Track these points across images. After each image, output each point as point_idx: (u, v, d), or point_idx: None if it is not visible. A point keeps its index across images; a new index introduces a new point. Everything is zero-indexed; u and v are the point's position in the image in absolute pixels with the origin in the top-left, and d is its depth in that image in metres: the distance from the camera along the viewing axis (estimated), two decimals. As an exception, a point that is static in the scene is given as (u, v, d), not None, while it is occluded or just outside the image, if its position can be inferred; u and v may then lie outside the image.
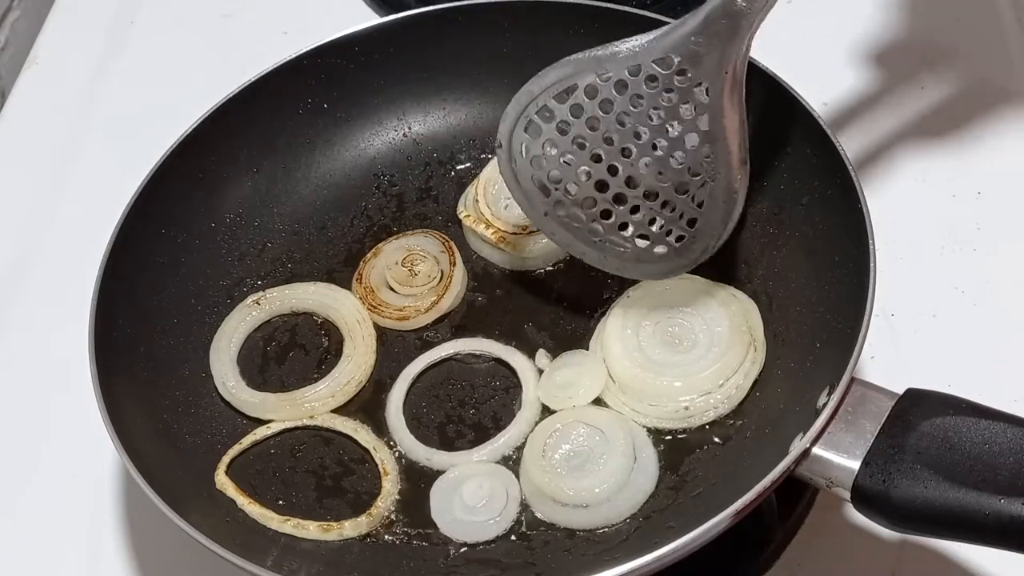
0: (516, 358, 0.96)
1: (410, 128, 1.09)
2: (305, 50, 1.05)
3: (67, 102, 1.30)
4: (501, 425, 0.92)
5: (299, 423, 0.94)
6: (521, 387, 0.94)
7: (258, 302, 0.99)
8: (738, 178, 0.85)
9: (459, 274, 1.00)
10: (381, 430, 0.94)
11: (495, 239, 1.00)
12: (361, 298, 1.00)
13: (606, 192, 0.89)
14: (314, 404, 0.94)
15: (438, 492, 0.89)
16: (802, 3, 1.26)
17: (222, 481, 0.90)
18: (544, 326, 0.98)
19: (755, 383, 0.90)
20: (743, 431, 0.89)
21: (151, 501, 0.81)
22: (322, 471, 0.92)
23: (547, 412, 0.93)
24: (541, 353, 0.95)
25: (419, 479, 0.91)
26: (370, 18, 1.29)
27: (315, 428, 0.94)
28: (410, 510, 0.89)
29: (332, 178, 1.08)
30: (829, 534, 0.94)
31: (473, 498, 0.88)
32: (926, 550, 0.91)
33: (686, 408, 0.90)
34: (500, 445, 0.91)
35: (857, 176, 0.89)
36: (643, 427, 0.90)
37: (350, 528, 0.88)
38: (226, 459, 0.91)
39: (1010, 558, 0.75)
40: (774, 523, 0.92)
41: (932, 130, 1.16)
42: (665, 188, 0.87)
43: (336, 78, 1.06)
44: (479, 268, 1.02)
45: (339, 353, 0.97)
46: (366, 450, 0.92)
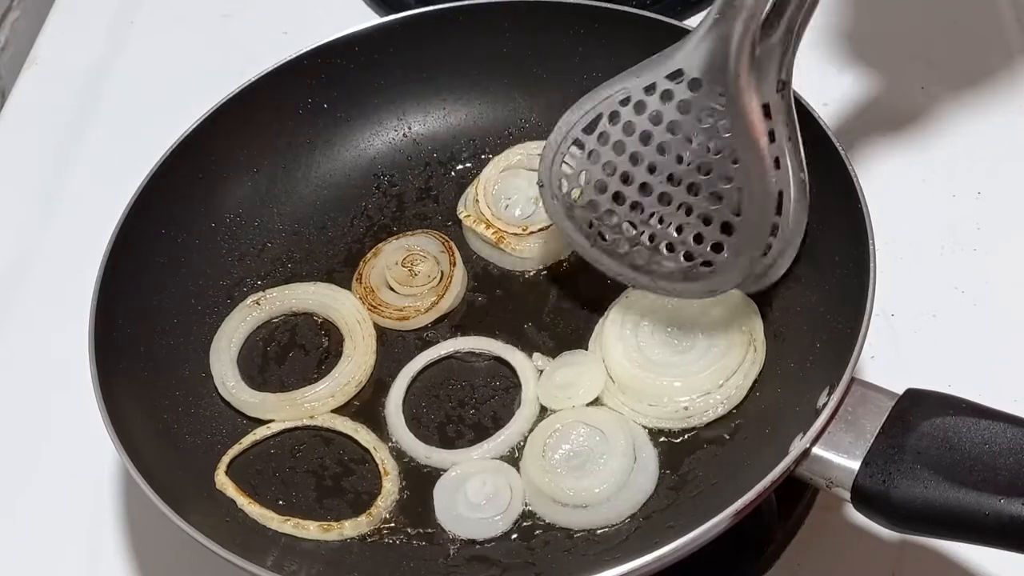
0: (515, 356, 0.96)
1: (410, 128, 1.09)
2: (305, 50, 1.05)
3: (67, 102, 1.30)
4: (500, 423, 0.92)
5: (299, 423, 0.94)
6: (520, 385, 0.94)
7: (258, 302, 0.99)
8: (772, 180, 0.84)
9: (459, 274, 1.00)
10: (380, 428, 0.94)
11: (495, 239, 1.00)
12: (361, 298, 1.00)
13: (642, 213, 0.88)
14: (314, 404, 0.94)
15: (442, 490, 0.89)
16: (802, 3, 1.26)
17: (222, 481, 0.90)
18: (544, 326, 0.98)
19: (755, 383, 0.90)
20: (743, 431, 0.89)
21: (151, 501, 0.81)
22: (322, 471, 0.92)
23: (546, 411, 0.93)
24: (537, 356, 0.95)
25: (419, 479, 0.91)
26: (370, 18, 1.29)
27: (315, 428, 0.94)
28: (410, 510, 0.89)
29: (332, 178, 1.07)
30: (829, 534, 0.94)
31: (477, 495, 0.88)
32: (926, 550, 0.91)
33: (686, 408, 0.89)
34: (499, 443, 0.91)
35: (857, 176, 0.90)
36: (643, 427, 0.90)
37: (350, 528, 0.88)
38: (226, 459, 0.91)
39: (1010, 558, 0.75)
40: (774, 523, 0.92)
41: (932, 130, 1.16)
42: (698, 200, 0.86)
43: (336, 78, 1.06)
44: (479, 268, 1.02)
45: (339, 353, 0.97)
46: (366, 450, 0.92)
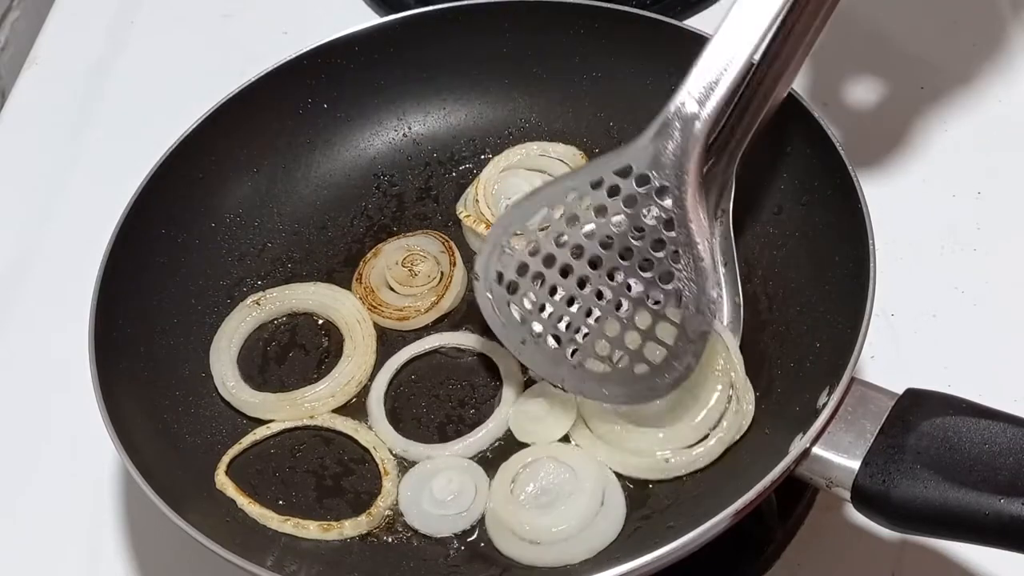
0: (498, 353, 0.95)
1: (410, 128, 1.09)
2: (305, 50, 1.05)
3: (67, 102, 1.30)
4: (480, 420, 0.92)
5: (299, 423, 0.94)
6: (502, 383, 0.94)
7: (258, 302, 0.99)
8: (712, 285, 0.82)
9: (459, 274, 1.00)
10: (362, 419, 0.94)
11: (495, 239, 1.00)
12: (361, 298, 1.00)
13: (578, 309, 0.87)
14: (314, 404, 0.94)
15: (409, 482, 0.89)
16: (802, 3, 1.26)
17: (222, 481, 0.90)
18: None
19: (753, 377, 0.90)
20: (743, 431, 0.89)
21: (151, 501, 0.81)
22: (322, 471, 0.92)
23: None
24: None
25: (419, 479, 0.91)
26: (370, 18, 1.29)
27: (315, 428, 0.94)
28: (413, 526, 0.89)
29: (332, 178, 1.07)
30: (829, 534, 0.94)
31: (442, 492, 0.88)
32: (926, 550, 0.91)
33: (667, 461, 0.86)
34: (478, 440, 0.91)
35: (857, 176, 0.90)
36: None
37: (350, 528, 0.88)
38: (226, 459, 0.91)
39: (1010, 558, 0.75)
40: (774, 523, 0.92)
41: (932, 130, 1.16)
42: (636, 300, 0.85)
43: (336, 78, 1.06)
44: (479, 268, 1.02)
45: (339, 353, 0.97)
46: (366, 450, 0.92)
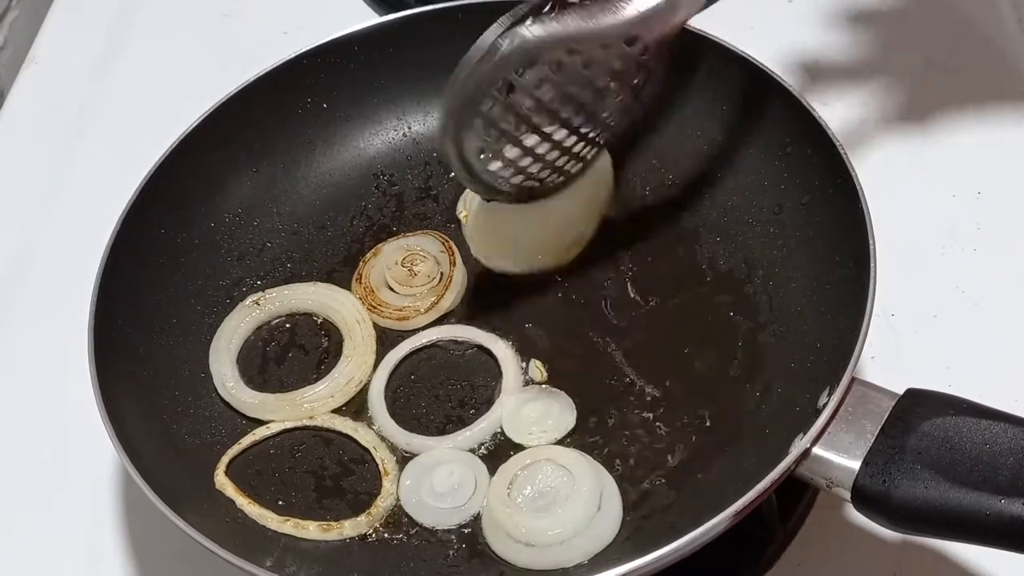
0: (497, 345, 0.96)
1: (410, 128, 1.09)
2: (305, 50, 1.05)
3: (67, 102, 1.30)
4: (481, 412, 0.93)
5: (299, 423, 0.94)
6: (502, 374, 0.94)
7: (258, 302, 0.99)
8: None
9: (459, 274, 1.00)
10: (364, 415, 0.94)
11: (495, 239, 1.00)
12: (361, 298, 1.00)
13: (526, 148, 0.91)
14: (314, 404, 0.94)
15: (410, 473, 0.90)
16: (802, 3, 1.27)
17: (221, 481, 0.90)
18: (544, 326, 0.98)
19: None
20: (743, 431, 0.89)
21: (150, 501, 0.81)
22: (322, 471, 0.92)
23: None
24: (534, 364, 0.95)
25: (419, 479, 0.91)
26: (370, 18, 1.29)
27: (315, 428, 0.94)
28: (411, 516, 0.89)
29: (332, 178, 1.07)
30: (829, 534, 0.94)
31: (442, 484, 0.88)
32: (926, 550, 0.91)
33: None
34: (478, 432, 0.91)
35: (857, 176, 0.90)
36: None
37: (350, 528, 0.88)
38: (225, 459, 0.91)
39: (1010, 558, 0.75)
40: (774, 523, 0.92)
41: (932, 130, 1.16)
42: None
43: (336, 78, 1.06)
44: (479, 268, 1.02)
45: (339, 353, 0.97)
46: (366, 450, 0.92)
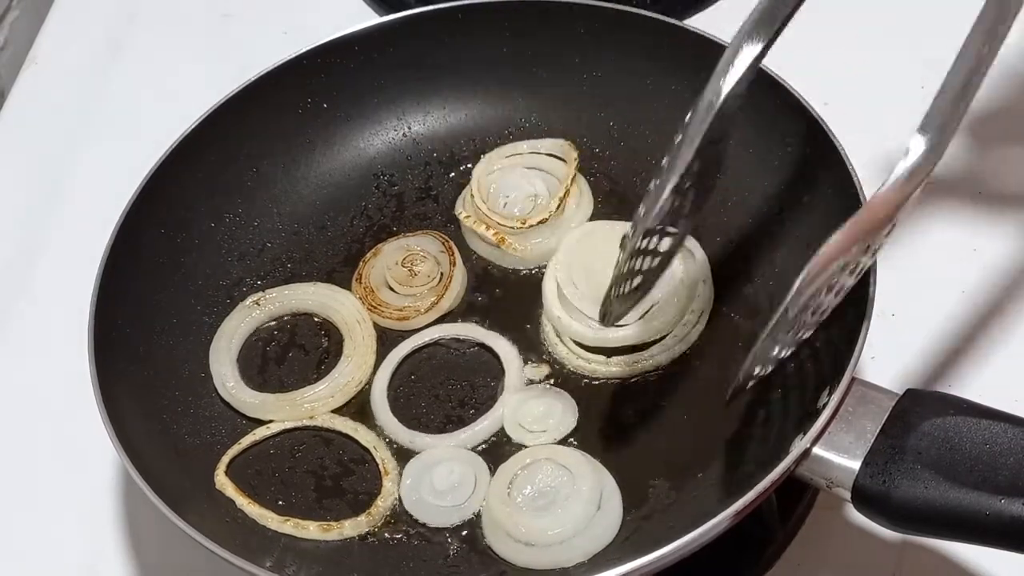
0: (499, 343, 0.96)
1: (410, 128, 1.09)
2: (305, 50, 1.05)
3: (67, 102, 1.30)
4: (480, 411, 0.93)
5: (299, 423, 0.94)
6: (504, 372, 0.94)
7: (258, 302, 0.99)
8: None
9: (459, 274, 1.00)
10: (367, 415, 0.94)
11: (496, 240, 1.00)
12: (361, 298, 0.99)
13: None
14: (314, 404, 0.94)
15: (411, 470, 0.90)
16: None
17: (221, 481, 0.90)
18: (542, 327, 0.97)
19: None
20: (743, 431, 0.89)
21: (150, 501, 0.81)
22: (322, 471, 0.92)
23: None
24: (529, 367, 0.95)
25: (419, 479, 0.91)
26: (370, 18, 1.29)
27: (315, 428, 0.94)
28: (410, 514, 0.89)
29: (332, 178, 1.07)
30: (829, 534, 0.94)
31: (443, 482, 0.88)
32: (926, 550, 0.91)
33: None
34: (480, 430, 0.91)
35: (857, 176, 0.89)
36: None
37: (350, 528, 0.88)
38: (225, 459, 0.91)
39: (1010, 558, 0.75)
40: (774, 523, 0.92)
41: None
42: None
43: (336, 78, 1.06)
44: (479, 268, 1.02)
45: (339, 353, 0.97)
46: (366, 450, 0.92)
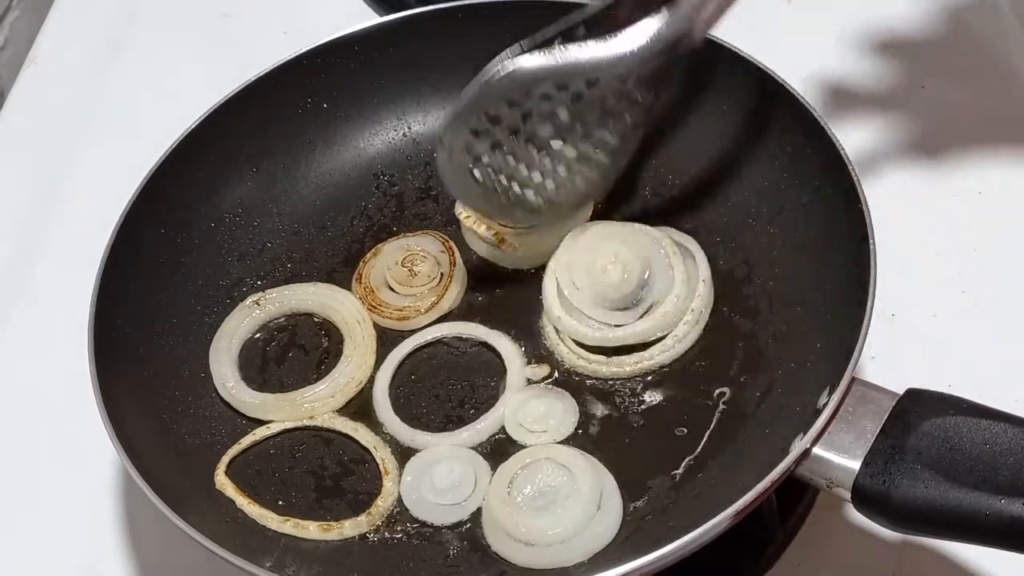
0: (501, 342, 0.96)
1: (410, 128, 1.09)
2: (305, 50, 1.05)
3: (67, 102, 1.30)
4: (480, 411, 0.93)
5: (299, 423, 0.94)
6: (506, 370, 0.94)
7: (258, 302, 0.99)
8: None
9: (459, 274, 1.00)
10: (369, 414, 0.94)
11: (496, 240, 1.00)
12: (361, 298, 0.99)
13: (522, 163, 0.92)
14: (314, 404, 0.94)
15: (412, 469, 0.90)
16: (802, 2, 1.27)
17: (221, 481, 0.90)
18: (544, 327, 0.97)
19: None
20: (743, 431, 0.89)
21: (151, 501, 0.81)
22: (322, 471, 0.92)
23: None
24: (530, 368, 0.95)
25: (419, 479, 0.91)
26: (370, 18, 1.29)
27: (315, 428, 0.94)
28: (410, 512, 0.89)
29: (332, 178, 1.07)
30: (829, 534, 0.94)
31: (443, 481, 0.88)
32: (926, 550, 0.91)
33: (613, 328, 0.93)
34: (482, 428, 0.91)
35: (857, 176, 0.89)
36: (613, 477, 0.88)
37: (350, 528, 0.88)
38: (225, 459, 0.91)
39: (1010, 558, 0.75)
40: (774, 523, 0.92)
41: (932, 130, 1.16)
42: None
43: (336, 78, 1.06)
44: (479, 268, 1.02)
45: (339, 353, 0.97)
46: (366, 450, 0.92)
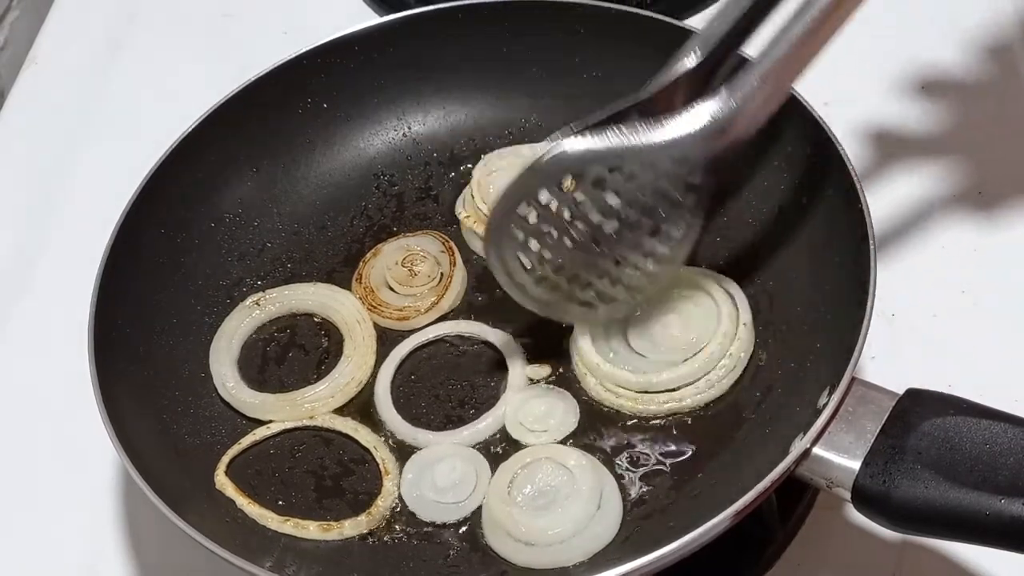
0: (503, 340, 0.96)
1: (410, 128, 1.09)
2: (305, 50, 1.05)
3: (67, 102, 1.30)
4: (480, 411, 0.93)
5: (299, 423, 0.94)
6: (507, 370, 0.94)
7: (258, 303, 0.99)
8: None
9: (459, 274, 1.00)
10: (370, 413, 0.94)
11: (495, 239, 1.00)
12: (361, 298, 0.99)
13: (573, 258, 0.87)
14: (314, 404, 0.94)
15: (413, 467, 0.90)
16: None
17: (221, 481, 0.90)
18: (544, 325, 0.97)
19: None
20: (744, 431, 0.89)
21: (151, 501, 0.81)
22: (322, 471, 0.92)
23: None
24: (531, 367, 0.95)
25: (419, 479, 0.91)
26: (370, 18, 1.29)
27: (315, 428, 0.94)
28: (410, 510, 0.89)
29: (332, 178, 1.07)
30: (829, 534, 0.94)
31: (444, 479, 0.88)
32: (926, 550, 0.91)
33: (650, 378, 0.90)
34: (483, 428, 0.91)
35: (857, 176, 0.90)
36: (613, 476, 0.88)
37: (350, 528, 0.88)
38: (225, 459, 0.91)
39: (1010, 558, 0.75)
40: (774, 523, 0.92)
41: (932, 130, 1.16)
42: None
43: (336, 78, 1.06)
44: (479, 268, 1.02)
45: (339, 353, 0.97)
46: (366, 450, 0.92)
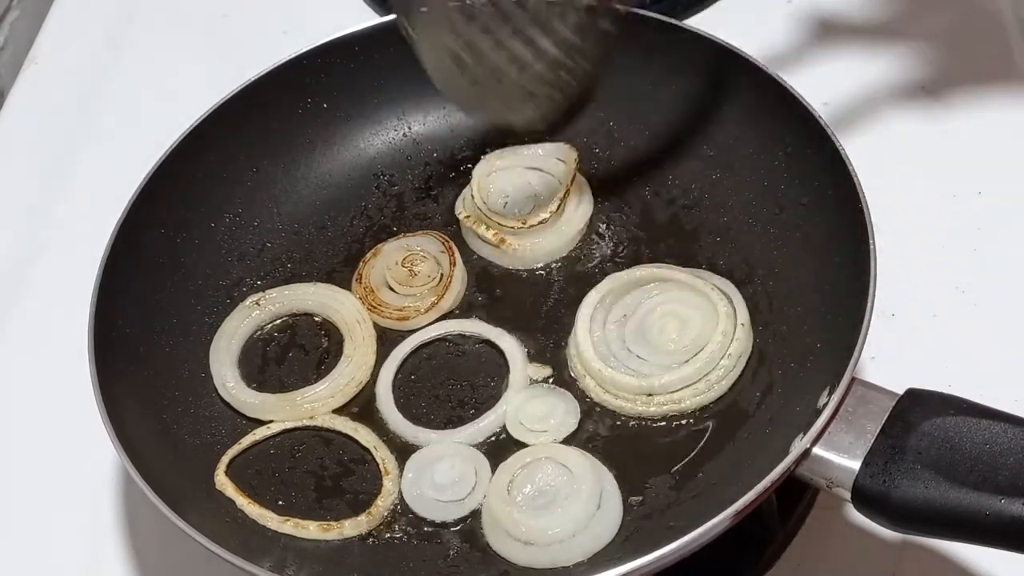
0: (504, 340, 0.96)
1: (410, 128, 1.09)
2: (305, 50, 1.05)
3: (67, 102, 1.30)
4: (480, 411, 0.93)
5: (299, 423, 0.94)
6: (508, 370, 0.94)
7: (258, 303, 0.99)
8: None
9: (459, 274, 1.00)
10: (370, 413, 0.94)
11: (496, 240, 1.00)
12: (361, 298, 0.99)
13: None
14: (314, 404, 0.94)
15: (413, 465, 0.90)
16: (802, 3, 1.26)
17: (221, 481, 0.90)
18: (544, 325, 0.98)
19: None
20: (743, 431, 0.89)
21: (151, 501, 0.81)
22: (322, 471, 0.92)
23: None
24: (533, 367, 0.95)
25: (419, 479, 0.91)
26: (370, 18, 1.29)
27: (315, 428, 0.94)
28: (410, 510, 0.89)
29: (332, 178, 1.07)
30: (829, 534, 0.94)
31: (444, 478, 0.88)
32: (926, 550, 0.91)
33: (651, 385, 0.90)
34: (484, 427, 0.91)
35: (857, 176, 0.90)
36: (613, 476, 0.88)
37: (350, 528, 0.88)
38: (225, 459, 0.91)
39: (1010, 558, 0.75)
40: (774, 523, 0.92)
41: (932, 130, 1.16)
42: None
43: (336, 78, 1.06)
44: (479, 268, 1.02)
45: (339, 353, 0.97)
46: (366, 450, 0.92)
